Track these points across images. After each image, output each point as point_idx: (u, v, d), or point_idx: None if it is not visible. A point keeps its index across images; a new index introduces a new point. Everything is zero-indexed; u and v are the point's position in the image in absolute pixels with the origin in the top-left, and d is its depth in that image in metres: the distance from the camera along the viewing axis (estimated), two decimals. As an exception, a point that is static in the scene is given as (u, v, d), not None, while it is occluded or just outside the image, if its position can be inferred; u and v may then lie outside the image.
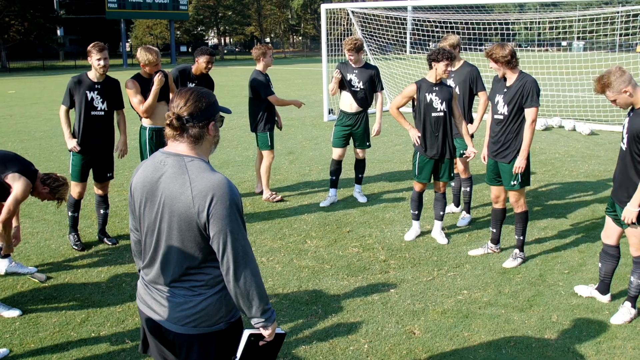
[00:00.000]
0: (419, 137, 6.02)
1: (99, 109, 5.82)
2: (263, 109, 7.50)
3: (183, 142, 2.43)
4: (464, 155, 6.37)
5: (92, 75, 5.79)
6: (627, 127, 4.24)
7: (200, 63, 7.10)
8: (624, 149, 4.30)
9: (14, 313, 4.60)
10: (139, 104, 6.11)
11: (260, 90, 7.37)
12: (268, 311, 2.43)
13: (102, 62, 5.70)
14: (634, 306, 4.52)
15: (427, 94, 5.89)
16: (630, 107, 4.30)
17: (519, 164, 5.31)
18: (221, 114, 2.60)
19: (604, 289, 4.79)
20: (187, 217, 2.33)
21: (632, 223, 4.25)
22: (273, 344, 2.51)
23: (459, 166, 6.83)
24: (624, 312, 4.50)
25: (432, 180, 6.24)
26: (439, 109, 5.88)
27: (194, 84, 7.18)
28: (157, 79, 6.03)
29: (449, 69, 5.76)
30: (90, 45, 5.78)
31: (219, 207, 2.29)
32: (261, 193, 7.90)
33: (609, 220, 4.67)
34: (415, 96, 5.96)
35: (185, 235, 2.36)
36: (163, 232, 2.41)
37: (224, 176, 2.38)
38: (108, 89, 5.88)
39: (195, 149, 2.43)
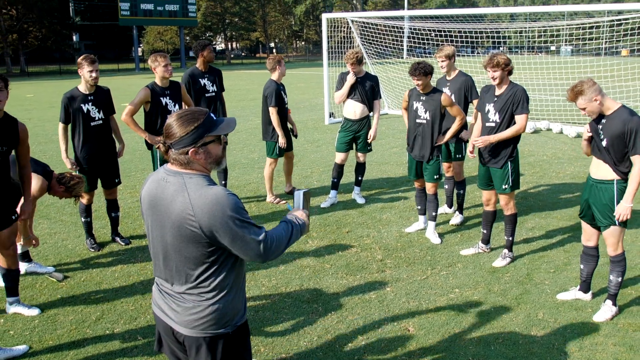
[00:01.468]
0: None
1: (97, 118, 5.77)
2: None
3: (176, 164, 2.46)
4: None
5: (83, 87, 5.71)
6: (603, 132, 4.32)
7: (206, 55, 7.13)
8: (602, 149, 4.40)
9: (34, 312, 4.63)
10: (128, 113, 6.03)
11: (268, 98, 7.30)
12: (297, 227, 2.64)
13: (93, 74, 5.63)
14: (614, 304, 4.56)
15: (414, 102, 6.11)
16: (597, 116, 4.38)
17: (476, 143, 5.40)
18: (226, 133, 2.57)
19: (585, 288, 4.82)
20: (191, 231, 2.36)
21: (622, 222, 4.35)
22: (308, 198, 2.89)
23: (453, 169, 6.88)
24: (606, 310, 4.53)
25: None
26: (422, 117, 6.06)
27: (205, 79, 7.17)
28: (154, 142, 6.06)
29: (417, 82, 5.89)
30: (81, 57, 5.66)
31: (220, 221, 2.32)
32: (291, 192, 7.98)
33: (585, 225, 4.71)
34: (407, 102, 6.23)
35: (191, 248, 2.40)
36: (169, 244, 2.45)
37: (222, 188, 2.40)
38: (101, 98, 5.83)
39: (190, 168, 2.45)
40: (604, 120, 4.35)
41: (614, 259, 4.51)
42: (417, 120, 6.10)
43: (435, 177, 6.17)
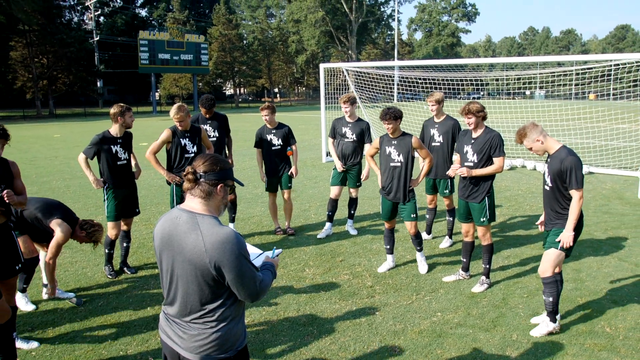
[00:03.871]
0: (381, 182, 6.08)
1: (122, 159, 5.96)
2: (262, 158, 7.57)
3: (196, 196, 2.51)
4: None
5: (114, 131, 5.92)
6: (548, 170, 4.54)
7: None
8: (548, 188, 4.59)
9: (33, 345, 4.47)
10: (151, 151, 6.23)
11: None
12: (274, 276, 2.73)
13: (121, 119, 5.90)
14: (552, 320, 4.62)
15: (387, 147, 5.92)
16: (546, 154, 4.59)
17: (460, 171, 5.41)
18: (235, 183, 2.67)
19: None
20: (201, 266, 2.41)
21: (567, 248, 4.47)
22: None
23: (445, 200, 7.08)
24: (543, 326, 4.64)
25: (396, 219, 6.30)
26: (396, 160, 5.88)
27: (207, 125, 7.15)
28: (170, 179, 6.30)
29: (388, 126, 5.74)
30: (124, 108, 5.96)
31: (229, 257, 2.38)
32: (283, 231, 7.90)
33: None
34: (379, 148, 6.03)
35: (199, 281, 2.44)
36: (179, 277, 2.49)
37: (231, 229, 2.47)
38: (127, 141, 6.05)
39: (206, 205, 2.51)
40: (549, 160, 4.54)
41: (545, 280, 4.60)
42: (392, 164, 5.88)
43: (412, 215, 5.98)
